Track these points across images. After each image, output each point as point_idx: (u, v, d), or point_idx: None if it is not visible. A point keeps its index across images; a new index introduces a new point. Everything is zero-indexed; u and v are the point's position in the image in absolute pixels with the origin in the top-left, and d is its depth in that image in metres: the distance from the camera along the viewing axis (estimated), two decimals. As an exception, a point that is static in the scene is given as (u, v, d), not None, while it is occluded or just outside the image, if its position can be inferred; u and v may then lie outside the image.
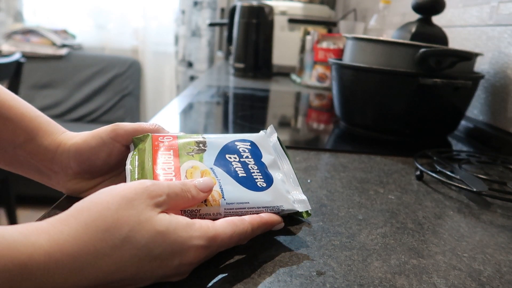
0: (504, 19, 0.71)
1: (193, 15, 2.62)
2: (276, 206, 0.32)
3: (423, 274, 0.29)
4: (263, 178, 0.33)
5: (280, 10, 1.51)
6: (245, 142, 0.36)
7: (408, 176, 0.51)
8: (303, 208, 0.34)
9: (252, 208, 0.31)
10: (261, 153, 0.36)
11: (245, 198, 0.31)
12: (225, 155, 0.34)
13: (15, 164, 0.35)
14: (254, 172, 0.33)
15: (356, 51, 0.71)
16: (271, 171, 0.35)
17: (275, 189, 0.33)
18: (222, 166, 0.33)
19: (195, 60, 2.68)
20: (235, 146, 0.35)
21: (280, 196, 0.33)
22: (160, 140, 0.34)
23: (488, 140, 0.71)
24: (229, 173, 0.33)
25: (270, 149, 0.37)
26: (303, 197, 0.35)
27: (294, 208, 0.34)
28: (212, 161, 0.33)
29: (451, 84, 0.61)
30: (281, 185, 0.34)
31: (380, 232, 0.35)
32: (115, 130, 0.34)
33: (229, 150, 0.35)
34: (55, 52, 2.44)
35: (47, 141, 0.34)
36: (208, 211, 0.30)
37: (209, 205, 0.30)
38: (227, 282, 0.26)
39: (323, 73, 1.30)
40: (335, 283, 0.27)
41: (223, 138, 0.36)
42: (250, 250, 0.31)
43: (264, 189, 0.33)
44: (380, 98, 0.66)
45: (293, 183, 0.36)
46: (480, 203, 0.44)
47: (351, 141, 0.67)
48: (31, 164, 0.34)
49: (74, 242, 0.22)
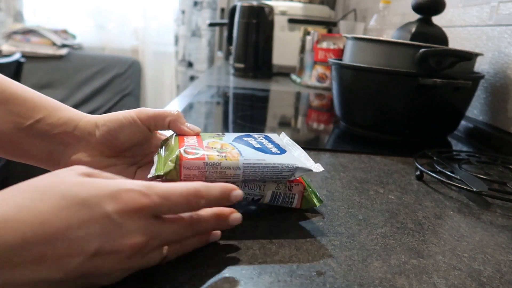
0: (504, 19, 0.71)
1: (193, 15, 2.62)
2: (290, 164, 0.34)
3: (423, 274, 0.29)
4: (277, 149, 0.37)
5: (280, 10, 1.51)
6: (259, 134, 0.41)
7: (408, 176, 0.51)
8: (317, 168, 0.35)
9: (268, 164, 0.34)
10: (274, 139, 0.40)
11: (261, 157, 0.34)
12: (242, 137, 0.39)
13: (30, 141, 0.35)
14: (268, 146, 0.37)
15: (356, 51, 0.71)
16: (283, 147, 0.38)
17: (289, 154, 0.36)
18: (239, 142, 0.37)
19: (195, 60, 2.68)
20: (250, 134, 0.40)
21: (293, 158, 0.36)
22: (185, 138, 0.37)
23: (488, 140, 0.71)
24: (247, 145, 0.36)
25: (282, 142, 0.40)
26: (317, 164, 0.36)
27: (308, 167, 0.35)
28: (230, 139, 0.37)
29: (451, 84, 0.61)
30: (294, 153, 0.38)
31: (380, 232, 0.35)
32: (142, 111, 0.36)
33: (245, 135, 0.39)
34: (55, 52, 2.44)
35: (69, 114, 0.36)
36: (228, 165, 0.33)
37: (228, 159, 0.33)
38: (227, 282, 0.26)
39: (323, 73, 1.30)
40: (335, 283, 0.27)
41: (239, 133, 0.40)
42: (250, 250, 0.31)
43: (278, 154, 0.36)
44: (380, 98, 0.66)
45: (306, 156, 0.38)
46: (480, 203, 0.44)
47: (351, 141, 0.67)
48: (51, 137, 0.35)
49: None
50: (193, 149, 0.33)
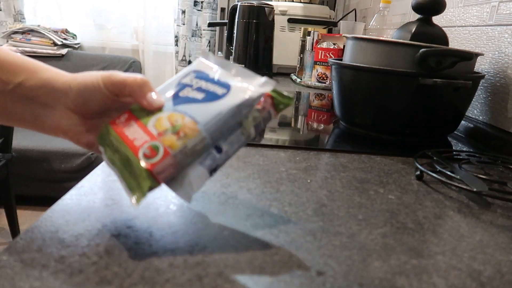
0: (504, 19, 0.71)
1: (193, 15, 2.62)
2: (245, 100, 0.32)
3: (423, 274, 0.29)
4: (220, 87, 0.34)
5: (280, 10, 1.51)
6: (189, 75, 0.36)
7: (408, 176, 0.51)
8: (268, 87, 0.34)
9: (227, 114, 0.32)
10: (207, 73, 0.36)
11: (215, 111, 0.32)
12: (178, 94, 0.34)
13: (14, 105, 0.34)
14: (210, 88, 0.34)
15: (356, 51, 0.71)
16: (224, 79, 0.35)
17: (236, 88, 0.33)
18: (182, 103, 0.33)
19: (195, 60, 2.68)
20: (183, 84, 0.35)
21: (244, 91, 0.33)
22: (117, 122, 0.34)
23: (488, 140, 0.71)
24: (191, 102, 0.33)
25: (212, 65, 0.37)
26: (262, 80, 0.34)
27: (261, 92, 0.33)
28: (171, 105, 0.33)
29: (451, 84, 0.61)
30: (239, 83, 0.34)
31: (380, 232, 0.35)
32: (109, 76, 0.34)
33: (180, 89, 0.35)
34: (55, 52, 2.44)
35: (47, 74, 0.35)
36: (193, 142, 0.30)
37: (189, 136, 0.30)
38: (227, 282, 0.26)
39: (323, 73, 1.30)
40: (335, 283, 0.27)
41: (169, 85, 0.36)
42: (250, 250, 0.31)
43: (226, 94, 0.33)
44: (380, 98, 0.66)
45: (249, 76, 0.35)
46: (480, 203, 0.44)
47: (351, 141, 0.67)
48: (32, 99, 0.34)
49: None
50: (149, 148, 0.30)
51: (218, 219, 0.35)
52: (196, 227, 0.33)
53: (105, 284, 0.25)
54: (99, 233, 0.31)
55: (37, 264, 0.26)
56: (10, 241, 1.33)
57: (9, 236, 1.81)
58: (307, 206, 0.39)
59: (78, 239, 0.30)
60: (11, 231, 1.76)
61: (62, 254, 0.28)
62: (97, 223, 0.32)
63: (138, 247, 0.29)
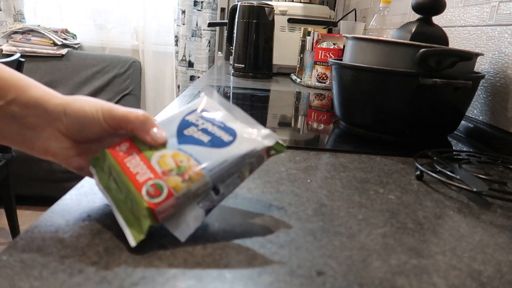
0: (504, 19, 0.71)
1: (193, 15, 2.62)
2: (250, 151, 0.33)
3: (423, 274, 0.29)
4: (226, 133, 0.35)
5: (280, 10, 1.51)
6: (193, 113, 0.37)
7: (408, 176, 0.51)
8: (272, 141, 0.35)
9: (232, 163, 0.32)
10: (212, 114, 0.37)
11: (221, 158, 0.32)
12: (183, 132, 0.35)
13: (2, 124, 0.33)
14: (216, 133, 0.34)
15: (356, 51, 0.71)
16: (229, 124, 0.36)
17: (242, 137, 0.34)
18: (187, 142, 0.34)
19: (195, 60, 2.68)
20: (187, 121, 0.36)
21: (249, 141, 0.34)
22: (117, 149, 0.33)
23: (488, 140, 0.71)
24: (197, 144, 0.33)
25: (217, 106, 0.38)
26: (267, 132, 0.36)
27: (266, 145, 0.34)
28: (175, 143, 0.34)
29: (451, 84, 0.61)
30: (244, 131, 0.35)
31: (380, 232, 0.35)
32: (109, 112, 0.34)
33: (184, 126, 0.35)
34: (55, 52, 2.44)
35: (38, 93, 0.34)
36: (197, 186, 0.31)
37: (194, 180, 0.31)
38: (227, 282, 0.26)
39: (323, 73, 1.30)
40: (335, 283, 0.27)
41: (172, 120, 0.36)
42: (250, 250, 0.31)
43: (232, 141, 0.34)
44: (380, 98, 0.66)
45: (251, 124, 0.37)
46: (480, 203, 0.44)
47: (351, 141, 0.67)
48: (21, 119, 0.33)
49: None
50: (153, 186, 0.30)
51: (218, 219, 0.35)
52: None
53: (105, 284, 0.25)
54: (99, 233, 0.31)
55: (37, 264, 0.26)
56: (10, 241, 1.33)
57: (9, 236, 1.81)
58: (307, 206, 0.39)
59: (78, 239, 0.30)
60: (11, 231, 1.76)
61: (62, 254, 0.28)
62: (97, 223, 0.32)
63: (138, 247, 0.29)
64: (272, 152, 0.36)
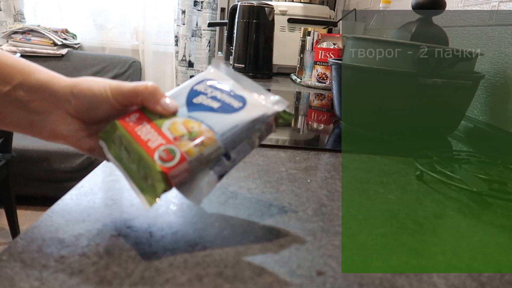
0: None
1: (193, 15, 2.62)
2: (260, 116, 0.34)
3: (423, 274, 0.29)
4: (236, 100, 0.35)
5: (280, 10, 1.51)
6: (202, 83, 0.37)
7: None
8: (282, 106, 0.35)
9: (243, 128, 0.33)
10: (221, 83, 0.37)
11: (232, 123, 0.32)
12: (192, 100, 0.35)
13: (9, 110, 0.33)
14: (225, 100, 0.35)
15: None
16: (238, 92, 0.36)
17: (251, 103, 0.34)
18: (197, 110, 0.34)
19: (195, 60, 2.68)
20: (196, 91, 0.36)
21: (259, 107, 0.34)
22: (127, 120, 0.33)
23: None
24: (207, 110, 0.33)
25: (225, 76, 0.38)
26: (276, 98, 0.36)
27: (276, 110, 0.34)
28: (185, 111, 0.34)
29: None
30: (254, 97, 0.35)
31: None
32: (117, 88, 0.34)
33: (193, 96, 0.35)
34: (55, 52, 2.44)
35: (43, 76, 0.34)
36: (209, 151, 0.31)
37: (206, 145, 0.31)
38: (227, 282, 0.26)
39: (323, 73, 1.30)
40: (335, 283, 0.27)
41: (181, 91, 0.36)
42: (250, 250, 0.31)
43: (242, 107, 0.34)
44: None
45: (260, 91, 0.37)
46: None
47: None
48: (28, 103, 0.33)
49: None
50: (165, 151, 0.30)
51: (218, 219, 0.35)
52: (196, 227, 0.33)
53: (105, 284, 0.25)
54: (99, 233, 0.31)
55: (37, 264, 0.26)
56: (10, 241, 1.33)
57: (9, 236, 1.81)
58: (307, 206, 0.39)
59: (78, 239, 0.30)
60: (11, 231, 1.76)
61: (62, 254, 0.28)
62: (97, 223, 0.32)
63: (138, 247, 0.29)
64: (280, 121, 0.36)
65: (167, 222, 0.34)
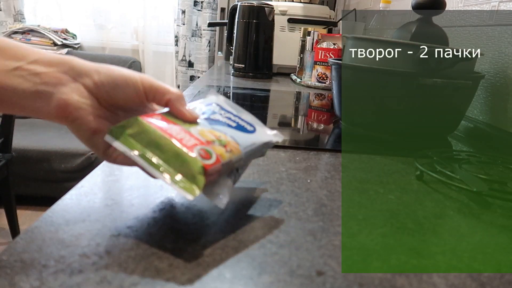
0: (504, 19, 0.71)
1: (193, 15, 2.62)
2: (268, 141, 0.38)
3: (423, 274, 0.29)
4: (247, 124, 0.38)
5: (280, 10, 1.51)
6: (212, 105, 0.39)
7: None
8: (280, 138, 0.40)
9: (257, 147, 0.36)
10: (229, 109, 0.39)
11: (250, 140, 0.36)
12: (210, 116, 0.36)
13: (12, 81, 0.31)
14: (239, 122, 0.37)
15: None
16: (244, 117, 0.39)
17: (259, 130, 0.38)
18: (217, 124, 0.36)
19: (195, 60, 2.68)
20: (210, 110, 0.38)
21: (265, 135, 0.39)
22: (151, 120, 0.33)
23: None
24: (226, 126, 0.36)
25: (229, 103, 0.40)
26: (274, 131, 0.40)
27: (277, 140, 0.40)
28: (206, 123, 0.35)
29: (451, 84, 0.61)
30: (260, 125, 0.39)
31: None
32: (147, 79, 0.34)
33: (210, 113, 0.37)
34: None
35: (64, 56, 0.34)
36: (236, 159, 0.33)
37: (234, 153, 0.33)
38: (227, 282, 0.26)
39: (323, 73, 1.30)
40: (335, 283, 0.27)
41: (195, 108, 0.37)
42: (250, 250, 0.31)
43: (254, 131, 0.37)
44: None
45: (260, 123, 0.40)
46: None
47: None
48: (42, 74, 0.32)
49: None
50: (203, 150, 0.31)
51: (218, 219, 0.35)
52: (196, 227, 0.33)
53: (105, 284, 0.25)
54: (99, 233, 0.31)
55: (37, 264, 0.26)
56: (10, 241, 1.33)
57: (9, 236, 1.81)
58: (307, 206, 0.39)
59: (78, 239, 0.30)
60: (11, 231, 1.76)
61: (62, 254, 0.28)
62: (97, 223, 0.32)
63: (138, 247, 0.29)
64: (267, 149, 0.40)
65: (166, 222, 0.34)
